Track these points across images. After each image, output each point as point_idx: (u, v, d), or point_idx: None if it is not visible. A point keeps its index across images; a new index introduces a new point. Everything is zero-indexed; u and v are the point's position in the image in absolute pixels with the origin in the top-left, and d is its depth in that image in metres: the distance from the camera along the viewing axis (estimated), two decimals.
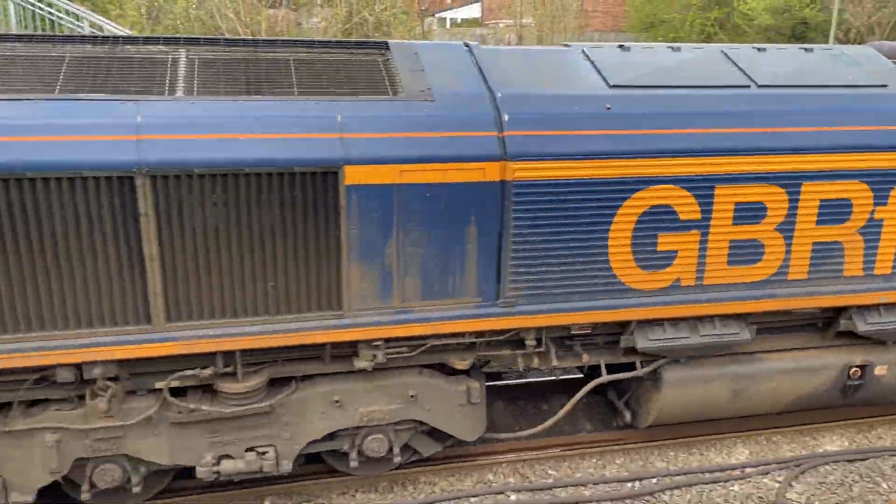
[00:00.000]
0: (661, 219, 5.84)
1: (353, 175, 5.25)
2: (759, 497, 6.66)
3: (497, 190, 5.52)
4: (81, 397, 5.55)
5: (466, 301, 5.75)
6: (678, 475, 6.90)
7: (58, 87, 5.13)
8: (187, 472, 6.12)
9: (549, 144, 5.53)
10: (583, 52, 6.33)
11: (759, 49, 6.72)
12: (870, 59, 6.72)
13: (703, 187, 5.83)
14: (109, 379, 5.43)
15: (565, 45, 6.64)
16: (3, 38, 5.62)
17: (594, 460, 7.18)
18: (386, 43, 6.08)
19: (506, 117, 5.50)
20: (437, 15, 57.36)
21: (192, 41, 5.85)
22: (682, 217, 5.88)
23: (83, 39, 5.72)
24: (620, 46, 6.47)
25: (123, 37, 5.86)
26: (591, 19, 44.92)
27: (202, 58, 5.63)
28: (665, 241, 5.91)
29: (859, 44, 13.00)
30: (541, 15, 40.27)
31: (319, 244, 5.36)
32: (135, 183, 4.93)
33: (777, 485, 6.80)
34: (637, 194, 5.73)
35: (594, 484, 6.74)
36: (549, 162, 5.53)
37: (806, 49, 6.86)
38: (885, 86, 6.33)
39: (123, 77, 5.32)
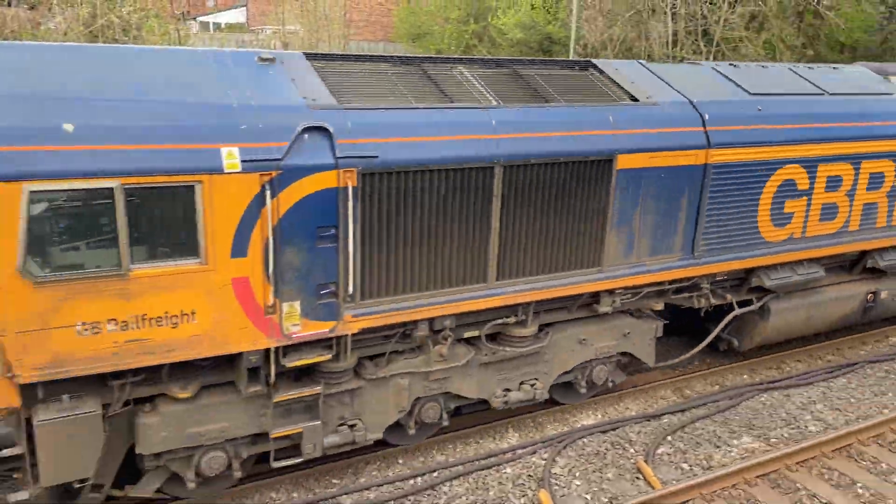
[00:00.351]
0: (788, 189, 8.24)
1: (622, 161, 7.01)
2: (529, 475, 7.28)
3: (701, 171, 7.57)
4: (420, 347, 6.77)
5: (674, 256, 7.74)
6: (456, 465, 7.35)
7: (428, 97, 6.38)
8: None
9: (730, 136, 7.69)
10: (713, 68, 8.56)
11: (809, 67, 9.39)
12: (870, 76, 9.65)
13: (811, 166, 8.34)
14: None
15: (695, 63, 8.88)
16: (366, 58, 6.82)
17: (378, 463, 7.42)
18: (590, 61, 7.86)
19: (706, 116, 7.56)
20: (199, 19, 54.76)
21: (459, 60, 7.22)
22: (799, 187, 8.33)
23: (385, 59, 6.92)
24: (732, 65, 8.81)
25: (416, 56, 7.15)
26: (357, 28, 45.48)
27: (479, 74, 7.05)
28: (789, 206, 8.32)
29: (595, 57, 16.26)
30: (307, 23, 39.46)
31: (592, 216, 7.04)
32: (493, 172, 6.33)
33: (543, 462, 7.51)
34: (777, 171, 8.07)
35: (378, 486, 6.98)
36: (732, 149, 7.69)
37: (834, 67, 9.68)
38: (891, 94, 9.25)
39: (452, 90, 6.63)
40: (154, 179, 5.08)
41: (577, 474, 7.43)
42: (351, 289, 5.93)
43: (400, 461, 7.52)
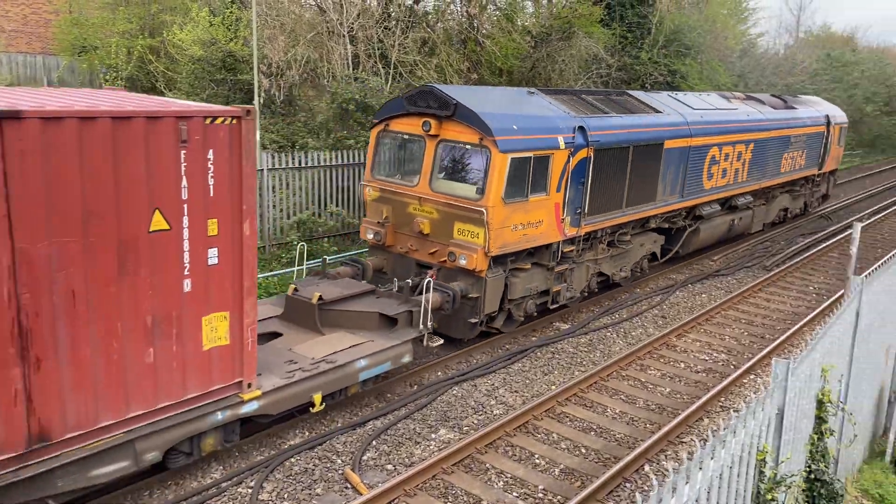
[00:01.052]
0: (712, 160, 15.50)
1: (667, 145, 13.97)
2: None
3: (687, 151, 14.76)
4: (592, 247, 13.08)
5: (675, 196, 15.00)
6: None
7: (611, 110, 13.10)
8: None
9: (698, 131, 14.86)
10: (670, 95, 15.83)
11: (708, 94, 17.95)
12: (722, 98, 17.82)
13: (720, 147, 15.80)
14: None
15: (678, 92, 17.74)
16: (572, 92, 13.35)
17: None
18: (624, 91, 14.87)
19: (689, 121, 14.86)
20: None
21: (608, 92, 14.43)
22: (716, 159, 15.65)
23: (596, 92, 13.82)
24: (696, 95, 17.13)
25: (594, 90, 14.75)
26: (10, 39, 41.92)
27: (600, 99, 13.65)
28: (712, 169, 15.65)
29: (281, 76, 17.60)
30: None
31: (654, 173, 13.84)
32: (628, 149, 12.93)
33: (250, 490, 7.30)
34: (711, 150, 15.41)
35: None
36: (697, 138, 14.78)
37: (720, 95, 18.35)
38: (736, 108, 17.42)
39: (617, 107, 13.42)
40: (538, 153, 10.82)
41: (286, 496, 7.35)
42: (587, 209, 11.97)
43: None
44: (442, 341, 10.17)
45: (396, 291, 10.33)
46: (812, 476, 5.81)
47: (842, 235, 20.03)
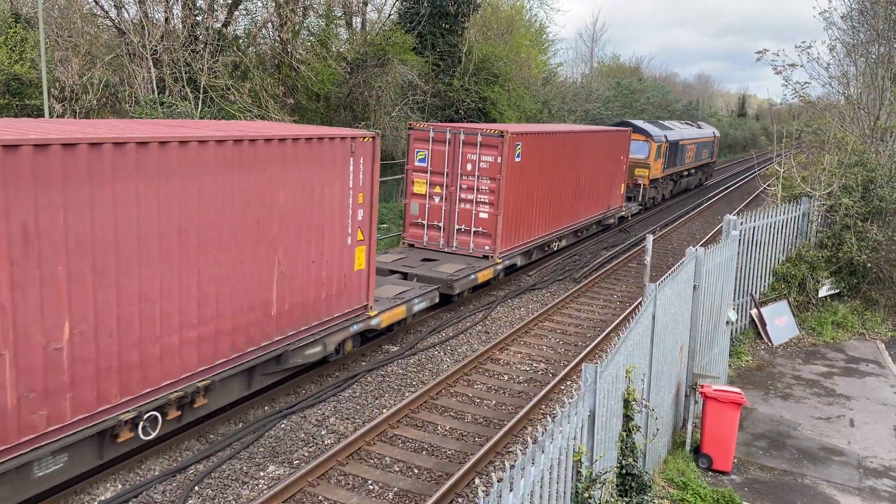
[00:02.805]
0: (687, 149, 36.04)
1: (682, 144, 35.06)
2: None
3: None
4: None
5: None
6: None
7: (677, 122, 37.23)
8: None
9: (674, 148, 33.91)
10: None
11: (681, 121, 40.15)
12: (693, 125, 39.03)
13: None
14: None
15: (670, 122, 37.74)
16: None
17: None
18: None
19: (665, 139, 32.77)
20: None
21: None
22: (689, 150, 36.71)
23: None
24: (686, 122, 39.49)
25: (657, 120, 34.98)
26: None
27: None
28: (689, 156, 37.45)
29: (76, 100, 16.76)
30: None
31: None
32: (680, 143, 34.16)
33: None
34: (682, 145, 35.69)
35: None
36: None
37: (685, 123, 39.74)
38: (703, 128, 39.13)
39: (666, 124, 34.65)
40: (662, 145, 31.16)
41: None
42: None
43: None
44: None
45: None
46: (623, 471, 6.26)
47: (639, 247, 22.02)
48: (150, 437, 7.89)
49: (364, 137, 11.12)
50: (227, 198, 8.64)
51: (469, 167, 16.28)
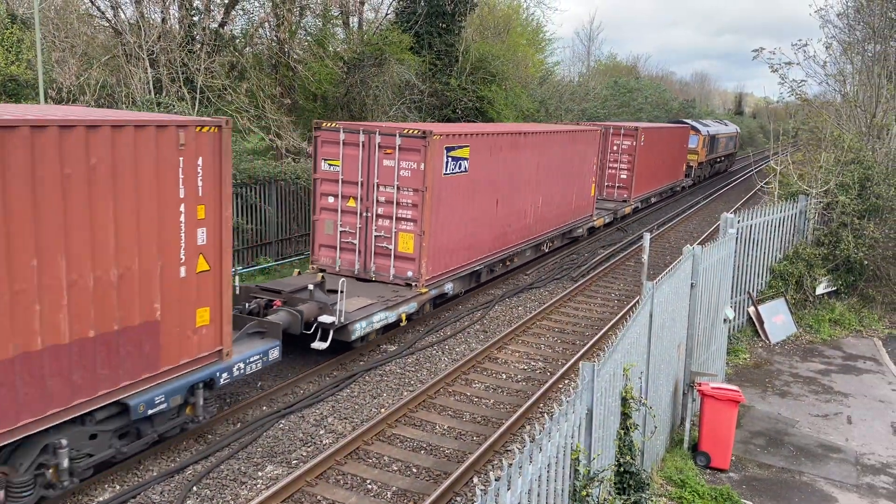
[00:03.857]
0: (720, 140, 47.86)
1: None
2: None
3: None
4: None
5: None
6: None
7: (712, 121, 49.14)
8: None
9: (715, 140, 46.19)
10: (697, 121, 44.56)
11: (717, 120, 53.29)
12: (723, 122, 50.62)
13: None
14: None
15: (708, 120, 51.22)
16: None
17: None
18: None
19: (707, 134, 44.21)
20: None
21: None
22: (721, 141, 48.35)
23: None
24: (718, 120, 52.33)
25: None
26: None
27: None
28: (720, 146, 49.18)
29: (73, 101, 16.46)
30: None
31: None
32: (716, 137, 45.56)
33: None
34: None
35: None
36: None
37: (718, 121, 52.39)
38: (727, 125, 50.55)
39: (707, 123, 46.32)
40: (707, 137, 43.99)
41: None
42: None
43: None
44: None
45: None
46: (621, 469, 6.27)
47: (636, 245, 22.03)
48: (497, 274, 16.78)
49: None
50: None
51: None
